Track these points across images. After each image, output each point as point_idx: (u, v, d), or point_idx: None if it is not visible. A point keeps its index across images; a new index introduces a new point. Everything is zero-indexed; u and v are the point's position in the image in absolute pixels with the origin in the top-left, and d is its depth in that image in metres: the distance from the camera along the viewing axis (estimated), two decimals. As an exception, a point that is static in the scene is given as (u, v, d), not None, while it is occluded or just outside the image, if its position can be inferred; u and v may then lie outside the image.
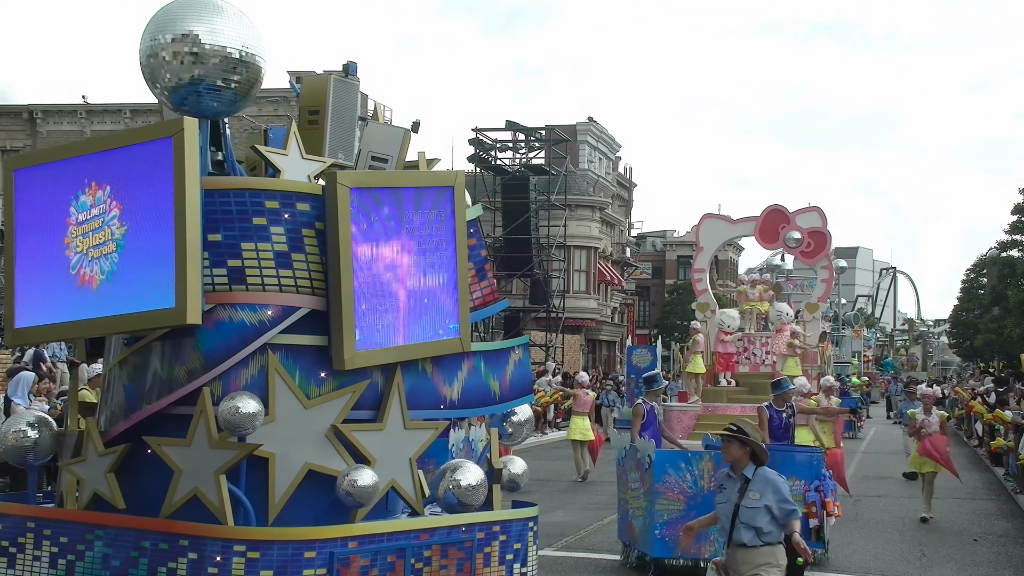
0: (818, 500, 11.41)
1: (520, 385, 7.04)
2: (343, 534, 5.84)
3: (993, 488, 19.85)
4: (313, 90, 7.04)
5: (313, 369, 6.15)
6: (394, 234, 6.31)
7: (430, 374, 6.56)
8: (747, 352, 26.50)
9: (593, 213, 52.36)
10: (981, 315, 54.45)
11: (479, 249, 6.88)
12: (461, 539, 6.32)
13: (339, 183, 6.08)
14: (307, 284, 6.14)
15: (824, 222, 27.76)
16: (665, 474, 10.82)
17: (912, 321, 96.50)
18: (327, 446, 6.09)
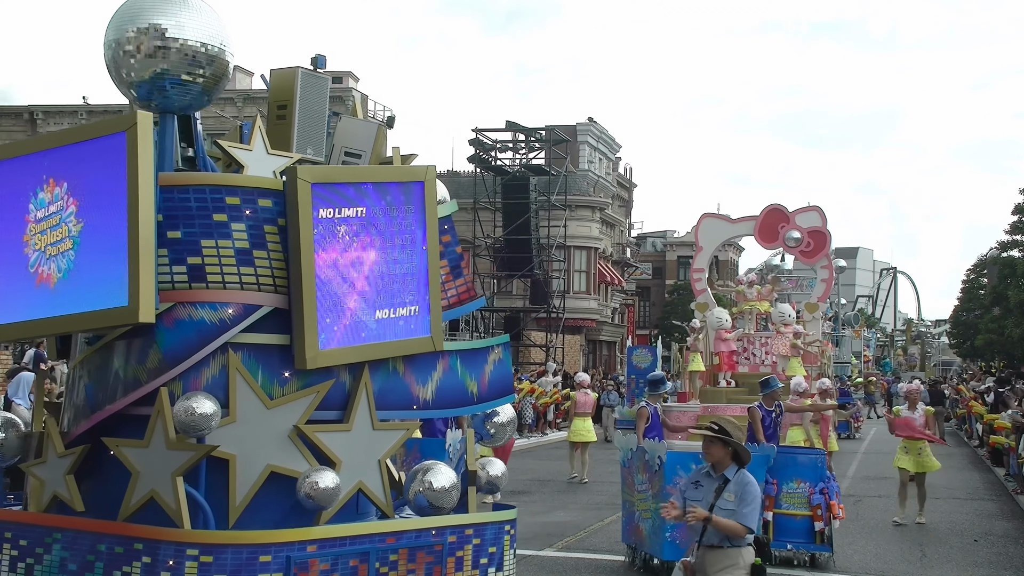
0: (823, 503, 11.29)
1: (500, 385, 6.87)
2: (301, 537, 5.71)
3: (994, 488, 19.84)
4: (281, 84, 6.87)
5: (276, 369, 6.03)
6: (360, 230, 6.17)
7: (402, 374, 6.39)
8: (747, 352, 26.44)
9: (593, 213, 52.38)
10: (982, 315, 54.46)
11: (454, 246, 6.73)
12: (431, 542, 6.17)
13: (299, 179, 5.95)
14: (269, 282, 6.01)
15: (824, 221, 27.72)
16: (676, 475, 10.56)
17: (910, 321, 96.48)
18: (290, 447, 5.97)
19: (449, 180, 52.87)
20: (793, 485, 11.49)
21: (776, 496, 11.45)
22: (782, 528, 11.44)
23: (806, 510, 11.38)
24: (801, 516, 11.39)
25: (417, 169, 6.58)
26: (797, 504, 11.44)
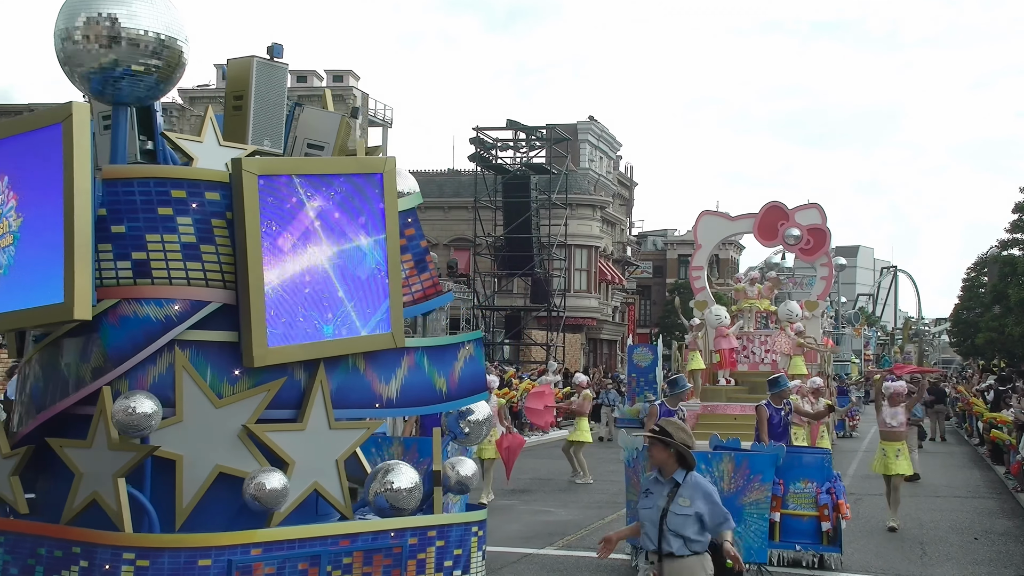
0: (830, 503, 11.14)
1: (472, 382, 6.65)
2: (244, 540, 5.49)
3: (994, 486, 19.84)
4: (237, 74, 6.63)
5: (226, 367, 5.83)
6: (313, 224, 5.98)
7: (362, 371, 6.19)
8: (746, 351, 26.33)
9: (594, 212, 52.38)
10: (982, 314, 54.47)
11: (418, 240, 6.53)
12: (389, 545, 5.96)
13: (245, 170, 5.74)
14: (218, 277, 5.82)
15: (824, 219, 27.45)
16: None
17: (908, 319, 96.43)
18: (240, 448, 5.78)
19: (450, 179, 52.94)
20: (800, 485, 11.32)
21: (783, 496, 11.26)
22: (789, 529, 11.28)
23: (813, 510, 11.22)
24: (808, 517, 11.24)
25: (376, 160, 6.38)
26: (804, 504, 11.27)
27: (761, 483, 10.56)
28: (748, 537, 10.45)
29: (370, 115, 54.83)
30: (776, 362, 25.10)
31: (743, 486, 10.55)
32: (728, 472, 10.56)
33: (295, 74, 54.58)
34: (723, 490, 10.44)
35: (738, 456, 10.75)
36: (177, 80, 6.17)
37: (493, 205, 45.08)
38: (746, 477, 10.56)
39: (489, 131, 45.36)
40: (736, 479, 10.56)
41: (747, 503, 10.53)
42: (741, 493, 10.54)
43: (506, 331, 46.15)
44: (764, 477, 10.59)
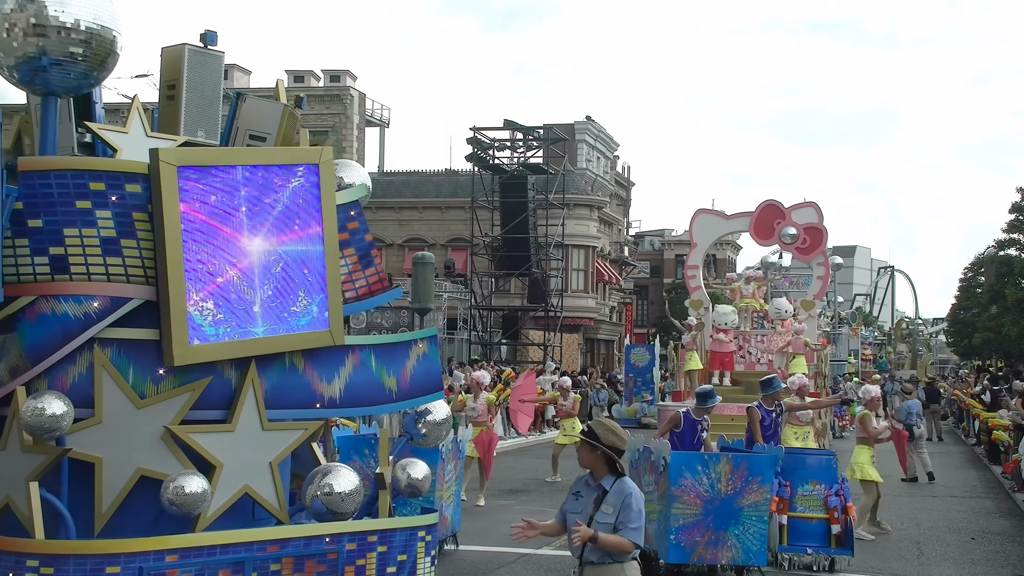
0: (839, 505, 11.01)
1: (425, 381, 6.41)
2: (159, 547, 5.25)
3: (991, 486, 19.84)
4: (171, 63, 6.38)
5: (150, 366, 5.60)
6: (243, 216, 5.76)
7: (301, 370, 5.96)
8: (742, 351, 26.18)
9: (591, 212, 52.37)
10: (979, 314, 54.54)
11: (363, 233, 6.29)
12: (323, 550, 5.71)
13: (163, 161, 5.52)
14: (139, 273, 5.59)
15: (820, 217, 27.27)
16: (682, 477, 10.37)
17: (901, 319, 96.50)
18: (163, 450, 5.56)
19: (447, 179, 52.94)
20: (808, 487, 11.22)
21: (790, 499, 11.16)
22: (797, 532, 11.16)
23: (822, 513, 11.11)
24: (817, 519, 11.12)
25: (310, 151, 6.17)
26: (813, 507, 11.16)
27: (760, 485, 10.40)
28: (746, 540, 10.34)
29: (367, 115, 54.83)
30: (772, 362, 24.98)
31: (741, 488, 10.38)
32: (726, 473, 10.40)
33: (292, 74, 54.67)
34: (721, 492, 10.35)
35: (736, 457, 10.59)
36: (110, 70, 5.96)
37: (490, 205, 45.07)
38: (744, 479, 10.39)
39: (486, 131, 45.36)
40: (734, 480, 10.39)
41: (745, 505, 10.38)
42: (739, 495, 10.38)
43: (503, 331, 46.13)
44: (764, 479, 10.44)
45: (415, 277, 27.67)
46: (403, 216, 51.68)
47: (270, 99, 6.97)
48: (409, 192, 52.59)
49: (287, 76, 54.76)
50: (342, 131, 52.80)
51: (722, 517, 10.36)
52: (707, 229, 28.23)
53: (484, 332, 43.90)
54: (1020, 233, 45.45)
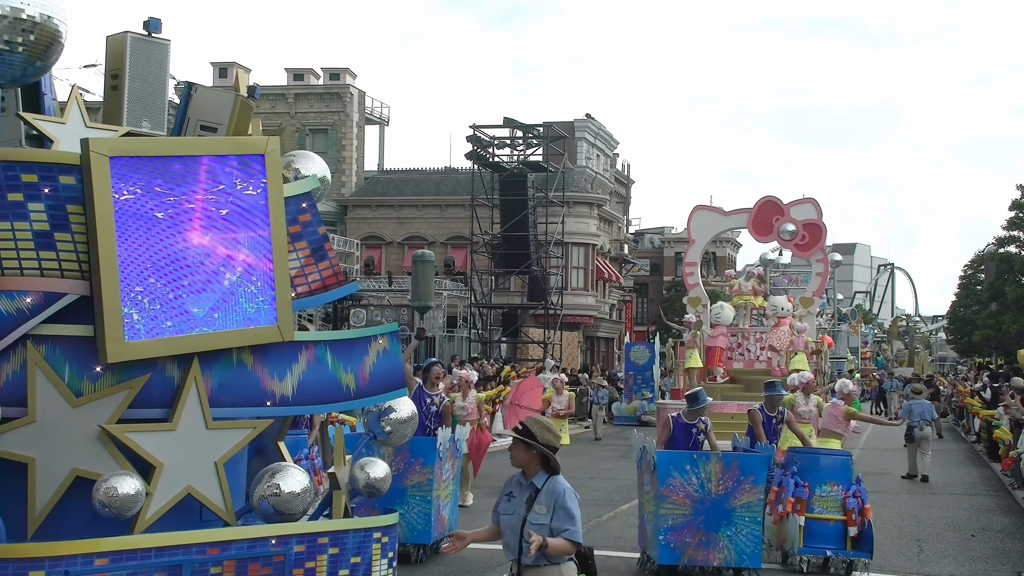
0: (856, 507, 10.75)
1: (386, 378, 6.18)
2: (88, 550, 5.06)
3: (991, 484, 19.85)
4: (114, 51, 6.19)
5: (87, 363, 5.43)
6: (182, 208, 5.56)
7: (250, 367, 5.75)
8: (741, 348, 26.00)
9: (591, 210, 52.35)
10: (979, 311, 54.51)
11: (315, 226, 6.07)
12: (269, 553, 5.50)
13: (93, 151, 5.33)
14: (75, 267, 5.42)
15: (819, 214, 27.02)
16: (670, 476, 10.18)
17: (898, 317, 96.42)
18: (100, 450, 5.39)
19: (447, 176, 52.93)
20: (826, 488, 10.91)
21: (808, 500, 10.85)
22: (814, 533, 10.85)
23: (840, 514, 10.83)
24: (835, 521, 10.83)
25: (255, 140, 5.95)
26: (831, 508, 10.87)
27: (753, 485, 10.20)
28: (739, 541, 10.13)
29: (367, 113, 54.79)
30: (771, 359, 24.89)
31: (733, 488, 10.17)
32: (716, 473, 10.20)
33: (292, 72, 54.63)
34: (712, 492, 10.15)
35: (727, 457, 10.40)
36: (54, 60, 5.82)
37: (490, 203, 45.03)
38: (736, 479, 10.18)
39: (486, 129, 45.30)
40: (725, 480, 10.18)
41: (738, 505, 10.17)
42: (731, 495, 10.17)
43: (503, 329, 46.10)
44: (756, 479, 10.23)
45: (415, 275, 27.77)
46: (403, 214, 51.66)
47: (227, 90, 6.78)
48: (409, 190, 52.57)
49: (287, 74, 54.75)
50: (342, 129, 52.78)
51: (713, 518, 10.14)
52: (705, 226, 28.08)
53: (484, 330, 43.87)
54: (1020, 230, 45.45)
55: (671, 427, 11.25)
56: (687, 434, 11.16)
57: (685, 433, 11.17)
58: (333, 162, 52.47)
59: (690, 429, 11.17)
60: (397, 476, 10.90)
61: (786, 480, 10.98)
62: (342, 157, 52.57)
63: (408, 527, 10.71)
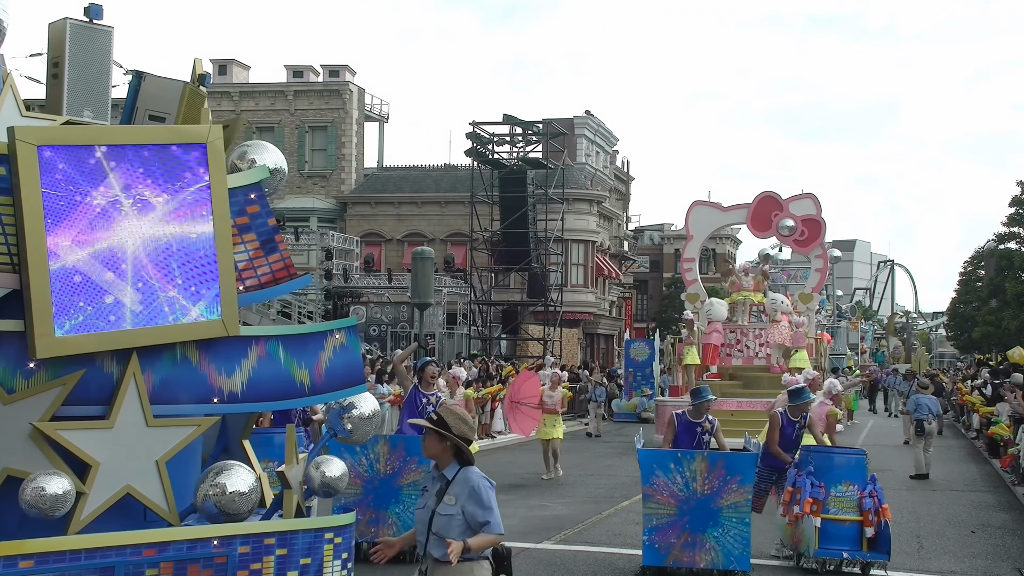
0: (873, 507, 10.47)
1: (344, 374, 6.00)
2: (12, 552, 4.88)
3: (991, 480, 19.85)
4: (55, 38, 6.01)
5: (19, 359, 5.26)
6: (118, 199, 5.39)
7: (195, 363, 5.56)
8: (740, 344, 25.59)
9: (591, 207, 52.34)
10: (979, 307, 54.53)
11: (264, 218, 5.89)
12: (211, 554, 5.30)
13: (20, 140, 5.18)
14: (5, 260, 5.26)
15: (818, 209, 26.84)
16: (653, 475, 9.94)
17: (894, 313, 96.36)
18: (33, 448, 5.24)
19: (446, 173, 52.90)
20: (842, 488, 10.61)
21: (824, 501, 10.55)
22: (830, 535, 10.54)
23: (856, 515, 10.54)
24: (851, 522, 10.55)
25: (196, 129, 5.76)
26: (846, 508, 10.58)
27: (740, 485, 9.90)
28: (727, 542, 9.85)
29: (367, 110, 54.76)
30: (770, 356, 24.70)
31: (719, 487, 9.88)
32: (702, 472, 9.90)
33: (291, 69, 54.58)
34: (697, 491, 9.89)
35: (712, 456, 10.07)
36: None
37: (490, 200, 45.03)
38: (722, 478, 9.88)
39: (485, 126, 45.29)
40: (711, 480, 9.89)
41: (725, 506, 9.88)
42: (717, 495, 9.89)
43: (503, 326, 46.11)
44: (744, 479, 9.93)
45: (415, 272, 27.76)
46: (402, 211, 51.65)
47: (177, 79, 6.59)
48: (408, 187, 52.56)
49: (287, 71, 54.70)
50: (341, 126, 52.75)
51: (699, 518, 9.89)
52: (703, 221, 27.87)
53: (484, 327, 43.87)
54: (1020, 227, 45.45)
55: (675, 424, 10.97)
56: (691, 432, 10.86)
57: (689, 431, 10.87)
58: (333, 159, 52.47)
59: (694, 427, 10.85)
60: (392, 475, 10.94)
61: (802, 480, 10.70)
62: (341, 154, 52.55)
63: (404, 526, 10.59)
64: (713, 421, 10.97)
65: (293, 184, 52.41)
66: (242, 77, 54.79)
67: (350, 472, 9.53)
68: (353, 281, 38.64)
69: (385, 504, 10.87)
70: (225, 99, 53.06)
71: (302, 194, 52.13)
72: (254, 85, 54.05)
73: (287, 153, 52.24)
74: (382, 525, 10.72)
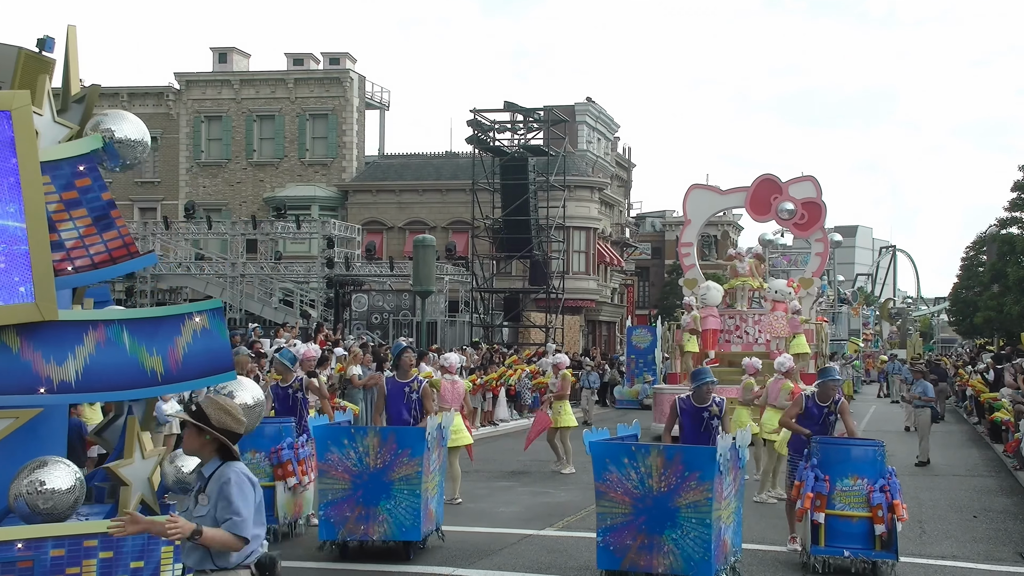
0: (884, 502, 9.77)
1: (207, 361, 5.54)
2: None
3: (993, 465, 19.88)
4: None
5: None
6: None
7: (16, 350, 5.19)
8: (739, 330, 24.99)
9: (592, 194, 52.28)
10: (981, 292, 54.45)
11: (97, 192, 5.49)
12: (13, 558, 4.84)
13: None
14: None
15: (819, 192, 26.22)
16: (606, 471, 8.97)
17: (888, 299, 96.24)
18: None
19: (447, 161, 52.85)
20: (848, 482, 9.89)
21: (828, 495, 9.86)
22: (835, 532, 9.89)
23: (864, 511, 9.84)
24: (858, 518, 9.86)
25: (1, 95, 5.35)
26: (854, 504, 9.88)
27: (700, 482, 8.72)
28: (686, 546, 8.74)
29: (367, 98, 54.66)
30: (769, 342, 24.30)
31: (677, 485, 8.77)
32: (658, 467, 8.82)
33: (291, 56, 54.47)
34: (652, 489, 8.83)
35: (669, 449, 9.02)
36: None
37: (491, 187, 44.98)
38: (679, 474, 8.77)
39: (486, 113, 45.21)
40: (668, 476, 8.80)
41: (683, 505, 8.75)
42: (675, 493, 8.78)
43: (505, 313, 46.12)
44: (703, 475, 8.73)
45: (416, 260, 27.75)
46: (404, 199, 51.61)
47: None
48: (409, 175, 52.50)
49: (287, 59, 54.59)
50: (342, 114, 52.67)
51: (656, 518, 8.81)
52: (701, 205, 27.18)
53: (486, 314, 43.88)
54: (1022, 212, 45.36)
55: (678, 413, 10.22)
56: (698, 419, 10.09)
57: (695, 418, 10.11)
58: (334, 147, 52.41)
59: (701, 413, 10.08)
60: (382, 469, 10.16)
61: (806, 474, 10.03)
62: (342, 142, 52.49)
63: (396, 524, 10.11)
64: (721, 403, 10.18)
65: (294, 172, 52.39)
66: (242, 65, 54.67)
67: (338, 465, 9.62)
68: (355, 269, 38.62)
69: (375, 500, 10.17)
70: (225, 87, 52.99)
71: (303, 182, 52.10)
72: (254, 73, 53.93)
73: (288, 141, 52.42)
74: (372, 522, 10.11)
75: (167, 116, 53.17)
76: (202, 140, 53.09)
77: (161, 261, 39.51)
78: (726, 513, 9.24)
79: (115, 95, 52.91)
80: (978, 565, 10.79)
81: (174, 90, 53.23)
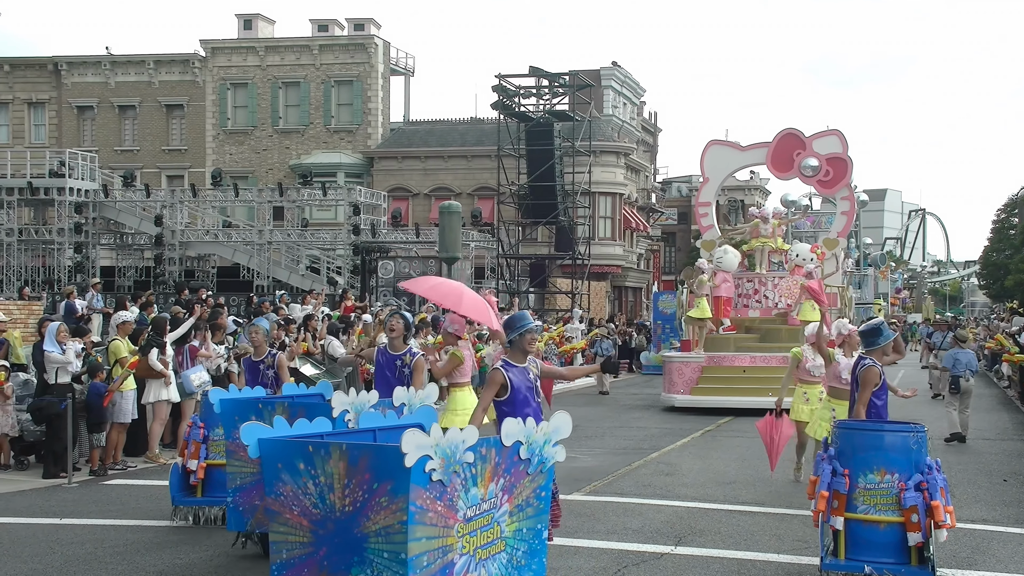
0: (920, 503, 7.54)
1: None
2: None
3: (1023, 428, 19.80)
4: None
5: None
6: None
7: None
8: (758, 295, 24.06)
9: (618, 159, 52.07)
10: (1012, 255, 53.98)
11: None
12: None
13: None
14: None
15: (844, 147, 24.63)
16: (278, 480, 5.76)
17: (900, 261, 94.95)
18: None
19: (472, 127, 52.73)
20: (874, 478, 7.71)
21: (848, 494, 7.73)
22: (857, 541, 7.72)
23: (894, 515, 7.64)
24: (886, 524, 7.65)
25: None
26: (881, 506, 7.70)
27: (392, 498, 5.25)
28: None
29: (392, 64, 54.54)
30: (791, 307, 23.54)
31: (364, 502, 5.39)
32: (340, 476, 5.49)
33: (316, 23, 54.36)
34: (336, 508, 5.52)
35: (354, 449, 5.53)
36: None
37: (516, 153, 44.87)
38: (366, 486, 5.38)
39: (512, 78, 45.03)
40: (353, 489, 5.44)
41: (371, 532, 5.37)
42: (361, 514, 5.42)
43: (531, 280, 46.16)
44: (395, 486, 5.23)
45: (442, 227, 27.73)
46: (429, 165, 51.58)
47: None
48: (435, 141, 52.45)
49: (311, 25, 54.52)
50: (367, 80, 52.59)
51: (339, 550, 5.54)
52: (720, 162, 25.70)
53: (512, 281, 43.93)
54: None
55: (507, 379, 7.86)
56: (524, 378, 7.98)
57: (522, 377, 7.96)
58: (359, 114, 52.39)
59: (525, 374, 8.00)
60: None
61: (822, 467, 7.91)
62: (367, 109, 52.45)
63: None
64: (539, 364, 8.19)
65: (320, 139, 52.43)
66: (267, 32, 54.64)
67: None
68: (381, 236, 38.69)
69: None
70: (251, 54, 53.00)
71: (329, 149, 52.14)
72: (279, 40, 53.90)
73: (313, 108, 52.50)
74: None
75: (193, 84, 53.27)
76: (228, 107, 53.19)
77: (189, 229, 39.75)
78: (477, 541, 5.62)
79: (141, 63, 53.06)
80: (1008, 528, 10.75)
81: (200, 57, 53.28)
